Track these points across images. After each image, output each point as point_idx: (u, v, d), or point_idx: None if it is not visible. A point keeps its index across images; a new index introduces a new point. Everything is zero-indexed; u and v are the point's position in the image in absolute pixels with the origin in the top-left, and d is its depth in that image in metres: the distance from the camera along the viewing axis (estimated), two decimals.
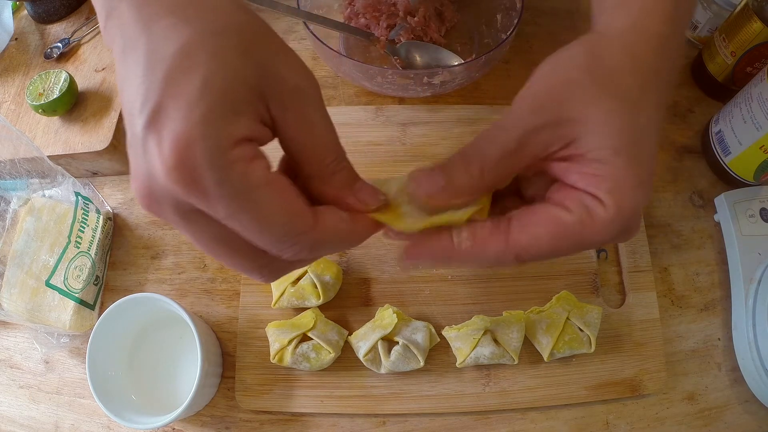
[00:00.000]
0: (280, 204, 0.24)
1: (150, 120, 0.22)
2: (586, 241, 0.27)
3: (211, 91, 0.22)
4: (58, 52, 0.58)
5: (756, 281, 0.48)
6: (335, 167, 0.27)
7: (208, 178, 0.22)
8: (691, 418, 0.47)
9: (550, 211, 0.27)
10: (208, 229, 0.25)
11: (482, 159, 0.27)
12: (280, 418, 0.47)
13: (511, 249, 0.27)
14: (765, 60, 0.51)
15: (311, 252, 0.26)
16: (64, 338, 0.49)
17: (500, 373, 0.47)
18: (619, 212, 0.26)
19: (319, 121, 0.26)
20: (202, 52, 0.22)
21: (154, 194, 0.23)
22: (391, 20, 0.60)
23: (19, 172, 0.48)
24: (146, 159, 0.22)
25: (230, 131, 0.22)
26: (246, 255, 0.26)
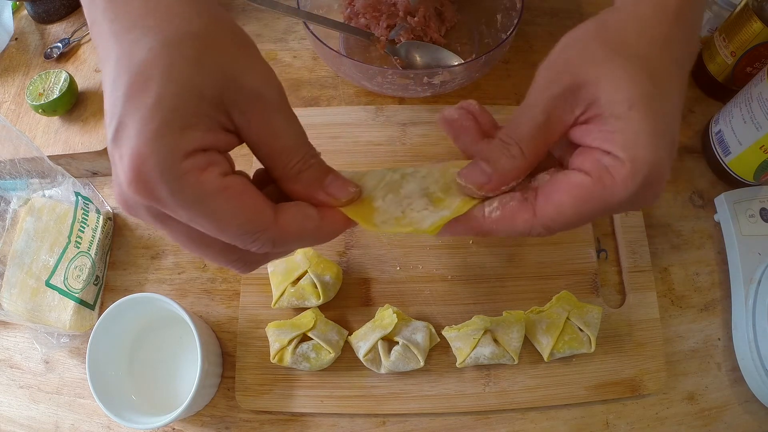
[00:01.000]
0: (234, 207, 0.25)
1: (114, 136, 0.24)
2: (609, 201, 0.27)
3: (162, 108, 0.23)
4: (58, 52, 0.58)
5: (756, 281, 0.48)
6: (301, 166, 0.28)
7: (162, 189, 0.23)
8: (691, 418, 0.47)
9: (570, 178, 0.28)
10: (179, 229, 0.26)
11: (519, 139, 0.28)
12: (280, 418, 0.47)
13: (539, 220, 0.28)
14: (765, 60, 0.51)
15: (275, 247, 0.27)
16: (64, 338, 0.49)
17: (500, 373, 0.47)
18: (635, 166, 0.26)
19: (281, 125, 0.27)
20: (155, 68, 0.23)
21: (127, 201, 0.25)
22: (391, 20, 0.60)
23: (19, 172, 0.48)
24: (115, 170, 0.24)
25: (180, 144, 0.23)
26: (218, 251, 0.28)
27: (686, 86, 0.29)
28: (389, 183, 0.31)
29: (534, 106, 0.28)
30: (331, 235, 0.29)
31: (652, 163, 0.26)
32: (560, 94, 0.28)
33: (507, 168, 0.29)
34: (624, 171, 0.26)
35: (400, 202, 0.31)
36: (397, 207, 0.30)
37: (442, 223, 0.30)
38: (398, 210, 0.30)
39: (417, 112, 0.57)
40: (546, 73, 0.29)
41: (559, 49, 0.30)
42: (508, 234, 0.29)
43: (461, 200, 0.30)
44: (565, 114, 0.28)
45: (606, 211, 0.28)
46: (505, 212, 0.29)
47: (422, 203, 0.30)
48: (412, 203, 0.31)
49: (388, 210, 0.30)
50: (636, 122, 0.26)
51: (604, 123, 0.27)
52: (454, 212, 0.30)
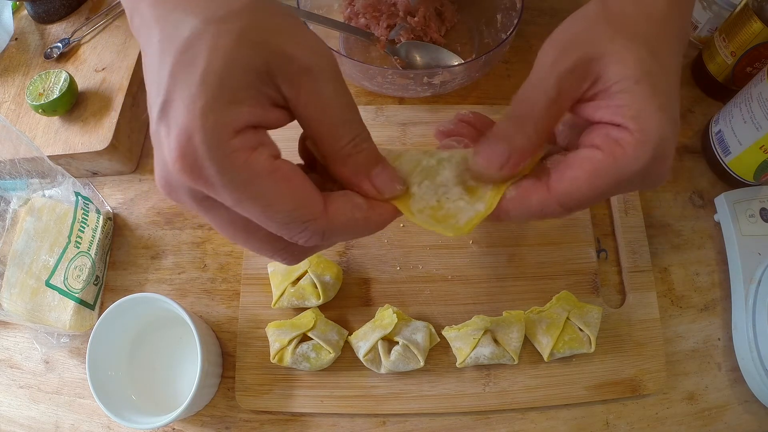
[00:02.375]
0: (284, 191, 0.24)
1: (160, 113, 0.23)
2: (622, 174, 0.27)
3: (210, 83, 0.22)
4: (58, 52, 0.58)
5: (756, 281, 0.48)
6: (351, 149, 0.26)
7: (209, 168, 0.22)
8: (691, 418, 0.47)
9: (582, 154, 0.28)
10: (223, 215, 0.25)
11: (532, 115, 0.28)
12: (280, 418, 0.47)
13: (554, 197, 0.28)
14: (765, 60, 0.51)
15: (324, 239, 0.26)
16: (64, 338, 0.49)
17: (500, 373, 0.47)
18: (645, 135, 0.26)
19: (332, 98, 0.25)
20: (202, 44, 0.23)
21: (170, 183, 0.24)
22: (391, 20, 0.60)
23: (19, 172, 0.48)
24: (160, 149, 0.24)
25: (230, 121, 0.23)
26: (263, 239, 0.27)
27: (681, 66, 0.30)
28: (425, 169, 0.30)
29: (544, 79, 0.28)
30: (378, 225, 0.28)
31: (660, 134, 0.26)
32: (570, 68, 0.27)
33: (522, 145, 0.28)
34: (634, 140, 0.26)
35: (436, 190, 0.30)
36: (433, 195, 0.30)
37: (477, 221, 0.29)
38: (434, 198, 0.30)
39: (417, 112, 0.57)
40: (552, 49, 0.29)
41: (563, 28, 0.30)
42: (523, 215, 0.29)
43: (492, 189, 0.30)
44: (574, 88, 0.28)
45: (620, 185, 0.27)
46: (519, 191, 0.29)
47: (457, 192, 0.30)
48: (447, 192, 0.30)
49: (424, 197, 0.30)
50: (642, 96, 0.26)
51: (611, 98, 0.27)
52: (488, 206, 0.29)
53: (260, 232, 0.26)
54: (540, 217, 0.29)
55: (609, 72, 0.27)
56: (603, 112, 0.28)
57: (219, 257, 0.53)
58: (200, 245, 0.53)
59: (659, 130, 0.26)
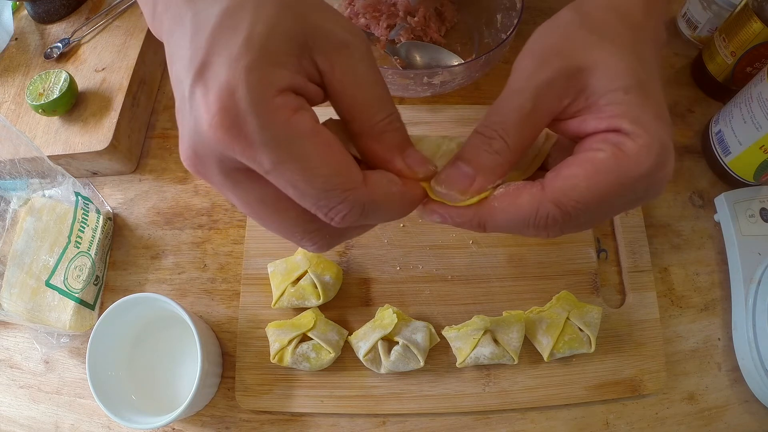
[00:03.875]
0: (326, 155, 0.23)
1: (196, 76, 0.22)
2: (626, 177, 0.24)
3: (254, 45, 0.22)
4: (58, 52, 0.58)
5: (756, 281, 0.48)
6: (386, 126, 0.26)
7: (251, 122, 0.22)
8: (691, 418, 0.47)
9: (581, 155, 0.25)
10: (253, 190, 0.25)
11: (503, 129, 0.26)
12: (280, 418, 0.47)
13: (548, 194, 0.25)
14: (765, 60, 0.51)
15: (363, 214, 0.25)
16: (64, 338, 0.49)
17: (500, 373, 0.47)
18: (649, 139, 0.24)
19: (368, 76, 0.25)
20: (243, 10, 0.23)
21: (199, 154, 0.23)
22: (391, 20, 0.60)
23: (19, 172, 0.48)
24: (192, 114, 0.23)
25: (273, 80, 0.22)
26: (294, 219, 0.26)
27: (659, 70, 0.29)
28: (446, 153, 0.30)
29: (520, 92, 0.26)
30: (412, 204, 0.27)
31: (661, 140, 0.25)
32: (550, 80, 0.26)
33: (490, 164, 0.26)
34: (637, 145, 0.24)
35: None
36: None
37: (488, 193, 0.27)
38: None
39: (417, 112, 0.57)
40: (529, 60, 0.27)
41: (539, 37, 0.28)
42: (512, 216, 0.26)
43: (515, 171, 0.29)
44: (554, 101, 0.26)
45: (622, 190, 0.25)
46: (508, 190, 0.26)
47: None
48: None
49: None
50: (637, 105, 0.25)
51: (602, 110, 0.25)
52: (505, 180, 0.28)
53: (292, 210, 0.25)
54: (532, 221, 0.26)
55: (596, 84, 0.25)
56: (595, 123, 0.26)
57: (219, 257, 0.53)
58: (200, 245, 0.53)
59: (660, 136, 0.25)
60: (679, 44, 0.63)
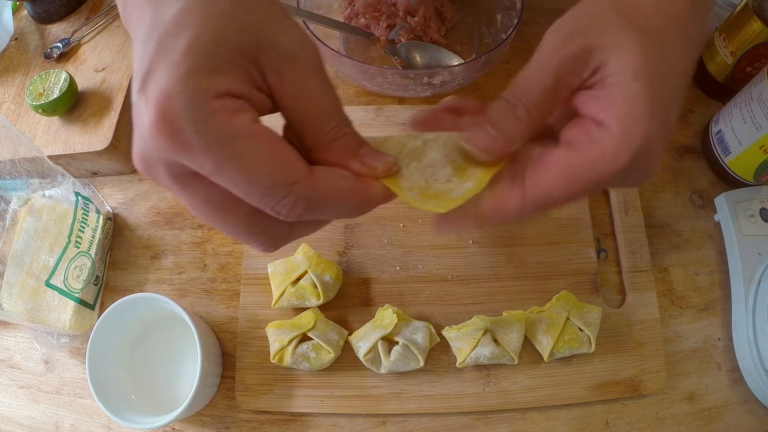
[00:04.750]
0: (266, 153, 0.23)
1: (141, 84, 0.23)
2: (598, 176, 0.26)
3: (195, 52, 0.22)
4: (58, 52, 0.58)
5: (756, 281, 0.48)
6: (335, 134, 0.26)
7: (188, 128, 0.22)
8: (691, 418, 0.47)
9: (557, 156, 0.27)
10: (201, 191, 0.25)
11: (526, 100, 0.27)
12: (280, 418, 0.47)
13: (529, 201, 0.27)
14: (765, 60, 0.51)
15: (309, 208, 0.25)
16: (64, 338, 0.49)
17: (500, 373, 0.47)
18: (625, 138, 0.25)
19: (316, 88, 0.25)
20: (190, 17, 0.23)
21: (147, 158, 0.24)
22: (391, 20, 0.60)
23: (19, 172, 0.48)
24: (138, 121, 0.23)
25: (210, 85, 0.23)
26: (242, 219, 0.26)
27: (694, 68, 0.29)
28: (412, 151, 0.30)
29: (543, 66, 0.27)
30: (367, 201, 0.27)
31: (643, 138, 0.25)
32: (571, 56, 0.27)
33: (513, 131, 0.28)
34: (612, 142, 0.25)
35: (423, 171, 0.30)
36: (421, 176, 0.29)
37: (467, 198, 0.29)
38: (422, 179, 0.29)
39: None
40: (556, 35, 0.28)
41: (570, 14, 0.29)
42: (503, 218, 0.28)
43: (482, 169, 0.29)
44: (573, 76, 0.27)
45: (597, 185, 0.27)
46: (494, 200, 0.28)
47: (446, 173, 0.30)
48: (435, 173, 0.30)
49: (413, 178, 0.29)
50: (637, 95, 0.25)
51: (605, 90, 0.26)
52: (478, 184, 0.29)
53: (239, 211, 0.25)
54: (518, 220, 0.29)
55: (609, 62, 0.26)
56: (592, 104, 0.27)
57: (219, 257, 0.53)
58: (200, 245, 0.53)
59: (644, 134, 0.25)
60: None
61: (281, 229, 0.27)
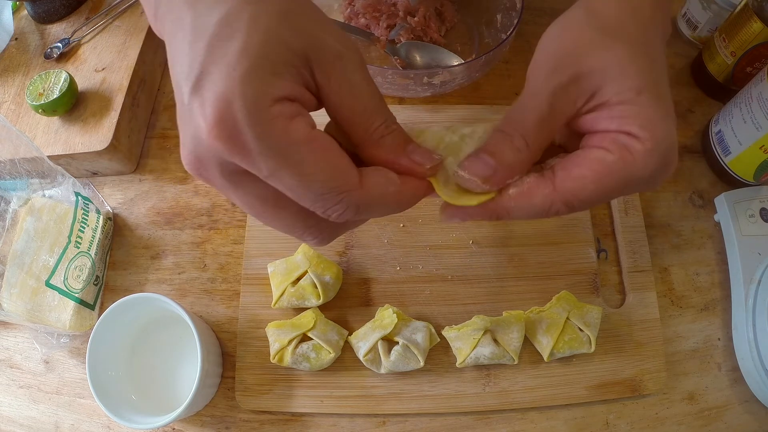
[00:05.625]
0: (321, 161, 0.24)
1: (194, 85, 0.23)
2: (631, 178, 0.27)
3: (250, 54, 0.22)
4: (58, 52, 0.58)
5: (756, 281, 0.48)
6: (384, 130, 0.27)
7: (248, 133, 0.22)
8: (691, 418, 0.47)
9: (591, 154, 0.27)
10: (254, 190, 0.25)
11: (522, 130, 0.28)
12: (280, 418, 0.47)
13: (559, 195, 0.27)
14: (765, 60, 0.51)
15: (358, 213, 0.26)
16: (64, 338, 0.49)
17: (500, 373, 0.47)
18: (655, 143, 0.26)
19: (363, 86, 0.26)
20: (241, 19, 0.23)
21: (201, 158, 0.24)
22: (391, 20, 0.60)
23: (19, 172, 0.48)
24: (192, 122, 0.23)
25: (269, 89, 0.23)
26: (294, 216, 0.27)
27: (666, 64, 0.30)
28: (449, 145, 0.30)
29: (537, 96, 0.28)
30: (410, 200, 0.28)
31: (667, 140, 0.26)
32: (563, 85, 0.27)
33: (512, 160, 0.28)
34: (644, 148, 0.26)
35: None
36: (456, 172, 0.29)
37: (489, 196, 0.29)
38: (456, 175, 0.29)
39: (417, 112, 0.57)
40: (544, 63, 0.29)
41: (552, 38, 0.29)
42: (527, 213, 0.28)
43: None
44: (569, 105, 0.28)
45: (626, 188, 0.27)
46: (522, 188, 0.28)
47: None
48: None
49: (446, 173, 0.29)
50: (648, 106, 0.26)
51: (614, 109, 0.27)
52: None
53: (292, 207, 0.26)
54: (542, 216, 0.28)
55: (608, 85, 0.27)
56: (607, 122, 0.27)
57: (219, 257, 0.53)
58: (200, 245, 0.53)
59: (667, 139, 0.26)
60: (679, 44, 0.63)
61: (332, 225, 0.28)
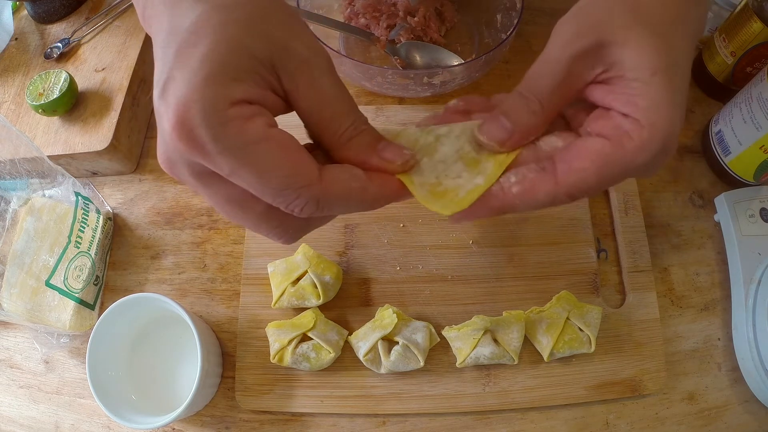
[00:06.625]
0: (279, 158, 0.25)
1: (162, 90, 0.24)
2: (630, 165, 0.27)
3: (212, 61, 0.23)
4: (58, 52, 0.58)
5: (756, 281, 0.48)
6: (353, 132, 0.27)
7: (204, 135, 0.23)
8: (691, 418, 0.47)
9: (590, 144, 0.28)
10: (221, 189, 0.26)
11: (539, 93, 0.28)
12: (280, 418, 0.47)
13: (562, 189, 0.28)
14: (765, 60, 0.51)
15: (319, 208, 0.26)
16: (64, 338, 0.49)
17: (500, 373, 0.47)
18: (655, 130, 0.26)
19: (329, 90, 0.26)
20: (208, 26, 0.24)
21: (170, 158, 0.25)
22: (391, 20, 0.60)
23: (19, 172, 0.48)
24: (160, 125, 0.24)
25: (227, 93, 0.24)
26: (259, 215, 0.27)
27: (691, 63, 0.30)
28: (423, 146, 0.30)
29: (555, 61, 0.28)
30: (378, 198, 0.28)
31: (668, 130, 0.27)
32: (583, 51, 0.28)
33: (528, 123, 0.28)
34: (644, 134, 0.26)
35: (434, 167, 0.30)
36: (432, 172, 0.29)
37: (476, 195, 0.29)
38: (432, 176, 0.29)
39: (417, 112, 0.57)
40: (567, 28, 0.29)
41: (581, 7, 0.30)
42: (531, 207, 0.29)
43: (494, 163, 0.29)
44: (586, 71, 0.28)
45: (624, 175, 0.28)
46: (525, 185, 0.28)
47: (456, 169, 0.30)
48: (446, 169, 0.30)
49: (423, 174, 0.29)
50: (658, 89, 0.26)
51: (625, 85, 0.27)
52: (488, 179, 0.29)
53: (257, 207, 0.27)
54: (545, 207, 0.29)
55: (625, 59, 0.27)
56: (614, 98, 0.28)
57: (219, 257, 0.53)
58: (200, 245, 0.53)
59: (669, 126, 0.26)
60: None
61: (297, 223, 0.29)
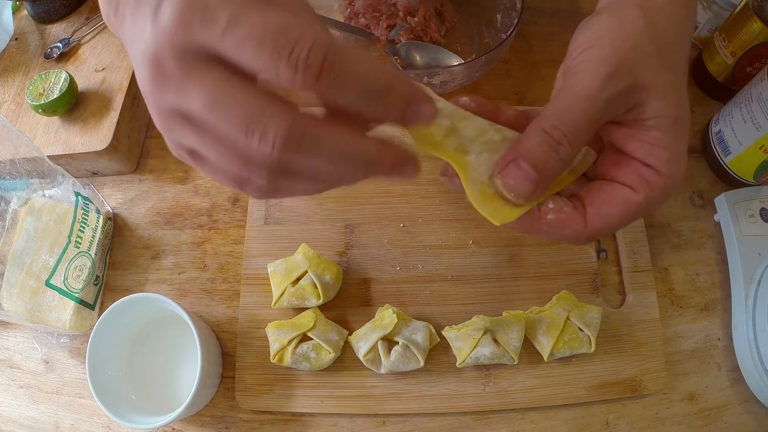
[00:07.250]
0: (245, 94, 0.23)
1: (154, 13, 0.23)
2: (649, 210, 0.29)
3: None
4: (58, 52, 0.58)
5: (756, 281, 0.48)
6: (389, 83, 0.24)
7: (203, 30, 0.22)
8: (691, 418, 0.47)
9: (619, 193, 0.29)
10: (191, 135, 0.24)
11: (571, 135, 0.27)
12: (280, 418, 0.47)
13: (588, 230, 0.29)
14: (765, 60, 0.51)
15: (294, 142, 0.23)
16: (64, 338, 0.49)
17: (500, 373, 0.47)
18: (673, 181, 0.28)
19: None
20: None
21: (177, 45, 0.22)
22: (391, 20, 0.60)
23: (19, 172, 0.48)
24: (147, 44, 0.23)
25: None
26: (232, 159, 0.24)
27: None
28: (488, 142, 0.29)
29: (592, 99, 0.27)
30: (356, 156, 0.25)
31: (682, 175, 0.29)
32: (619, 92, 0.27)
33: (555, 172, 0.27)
34: (664, 185, 0.28)
35: (491, 167, 0.29)
36: (486, 171, 0.29)
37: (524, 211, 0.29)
38: (485, 175, 0.29)
39: None
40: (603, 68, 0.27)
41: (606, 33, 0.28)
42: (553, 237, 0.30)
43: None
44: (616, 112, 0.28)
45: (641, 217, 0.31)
46: (560, 216, 0.30)
47: None
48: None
49: (478, 170, 0.29)
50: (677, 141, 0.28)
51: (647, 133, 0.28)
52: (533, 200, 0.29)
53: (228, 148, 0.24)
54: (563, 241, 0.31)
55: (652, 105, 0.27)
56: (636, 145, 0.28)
57: (219, 257, 0.53)
58: (200, 245, 0.53)
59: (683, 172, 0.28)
60: None
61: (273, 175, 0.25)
